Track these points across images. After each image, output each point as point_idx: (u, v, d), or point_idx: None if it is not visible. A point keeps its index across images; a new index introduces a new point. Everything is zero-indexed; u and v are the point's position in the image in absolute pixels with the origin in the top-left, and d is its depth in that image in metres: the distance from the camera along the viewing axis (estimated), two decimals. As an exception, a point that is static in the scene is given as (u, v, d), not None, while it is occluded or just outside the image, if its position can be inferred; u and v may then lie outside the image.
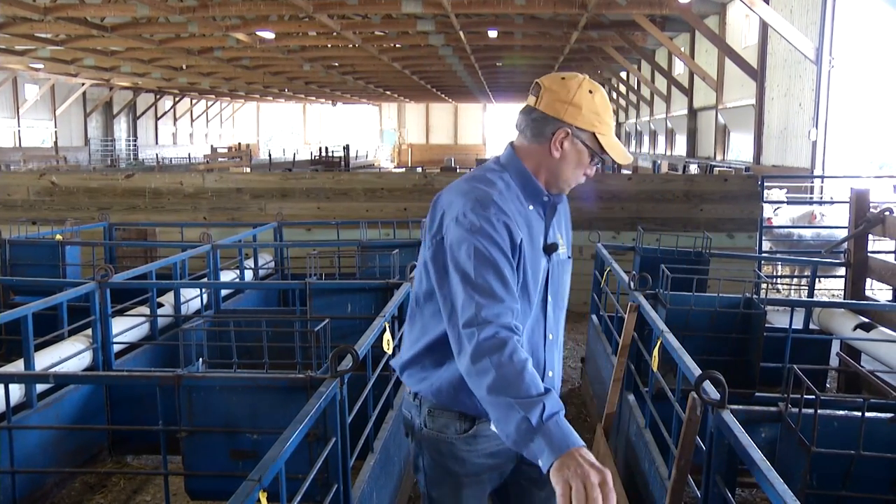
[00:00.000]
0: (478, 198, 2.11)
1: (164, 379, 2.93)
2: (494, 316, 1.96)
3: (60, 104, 35.80)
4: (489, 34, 20.67)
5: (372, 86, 37.82)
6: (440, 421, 2.27)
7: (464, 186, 2.20)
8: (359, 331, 3.59)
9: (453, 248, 2.08)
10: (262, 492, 1.93)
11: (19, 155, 28.94)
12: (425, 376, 2.27)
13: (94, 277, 4.87)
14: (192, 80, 33.41)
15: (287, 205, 9.53)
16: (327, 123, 59.91)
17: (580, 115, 2.16)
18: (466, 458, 2.28)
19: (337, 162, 31.99)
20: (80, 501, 4.45)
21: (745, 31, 19.68)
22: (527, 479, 2.41)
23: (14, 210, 9.62)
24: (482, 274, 2.02)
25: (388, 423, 3.93)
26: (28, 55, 24.47)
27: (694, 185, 9.42)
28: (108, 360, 4.88)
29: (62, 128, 36.86)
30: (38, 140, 35.41)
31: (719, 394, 2.38)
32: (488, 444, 2.26)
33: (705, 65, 21.63)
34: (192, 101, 50.03)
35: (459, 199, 2.14)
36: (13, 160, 27.31)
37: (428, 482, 2.36)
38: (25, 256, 6.86)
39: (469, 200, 2.11)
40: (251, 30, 19.29)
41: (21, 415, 4.11)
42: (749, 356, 4.13)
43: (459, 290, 2.03)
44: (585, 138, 2.18)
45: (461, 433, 2.26)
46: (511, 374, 1.88)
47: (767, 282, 4.84)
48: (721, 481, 2.38)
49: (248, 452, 2.94)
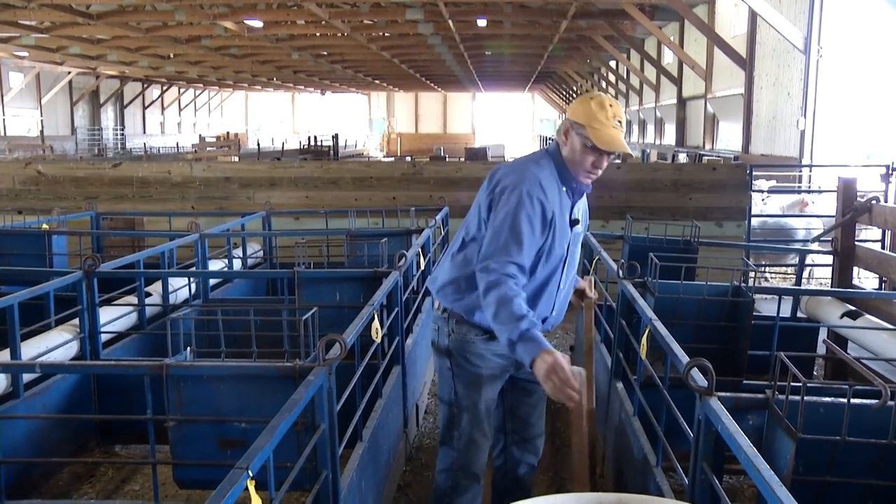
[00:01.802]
0: (529, 177, 2.86)
1: (152, 368, 2.92)
2: (501, 266, 2.75)
3: (46, 93, 35.48)
4: (478, 23, 20.61)
5: (361, 75, 37.66)
6: (465, 328, 3.07)
7: (522, 165, 2.98)
8: (347, 320, 3.58)
9: (497, 210, 2.86)
10: (250, 479, 1.93)
11: (4, 144, 28.70)
12: (460, 297, 3.04)
13: (81, 267, 4.84)
14: (179, 68, 33.18)
15: (275, 194, 9.50)
16: (316, 112, 59.65)
17: (579, 114, 2.89)
18: (485, 353, 3.07)
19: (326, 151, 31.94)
20: (68, 491, 4.43)
21: (734, 20, 19.71)
22: (520, 389, 3.27)
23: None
24: (507, 236, 2.80)
25: (376, 411, 3.93)
26: (12, 42, 24.19)
27: (683, 174, 9.44)
28: (95, 350, 4.85)
29: (48, 116, 36.55)
30: (23, 129, 35.09)
31: (707, 381, 2.39)
32: (499, 346, 2.92)
33: (694, 54, 21.65)
34: (179, 90, 49.72)
35: (516, 174, 2.91)
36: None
37: (455, 378, 3.11)
38: (11, 246, 6.80)
39: (523, 178, 2.87)
40: (239, 18, 19.16)
41: (7, 405, 4.09)
42: (737, 344, 4.15)
43: (488, 241, 2.85)
44: (581, 131, 2.87)
45: (480, 335, 3.05)
46: (503, 306, 2.68)
47: (755, 270, 4.85)
48: (708, 468, 2.40)
49: (236, 441, 2.93)
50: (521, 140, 55.27)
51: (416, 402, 5.03)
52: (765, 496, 1.85)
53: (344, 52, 27.94)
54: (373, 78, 40.84)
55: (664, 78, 25.74)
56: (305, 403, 2.45)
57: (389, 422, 4.23)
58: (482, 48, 27.08)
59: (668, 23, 23.70)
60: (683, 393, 2.69)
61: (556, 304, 3.13)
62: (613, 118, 2.84)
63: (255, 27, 20.34)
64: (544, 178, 2.89)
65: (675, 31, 24.44)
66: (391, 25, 21.39)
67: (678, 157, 22.15)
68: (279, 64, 32.20)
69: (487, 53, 28.93)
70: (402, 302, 4.55)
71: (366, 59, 30.36)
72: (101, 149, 35.60)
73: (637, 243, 6.01)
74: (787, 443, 2.35)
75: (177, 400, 2.98)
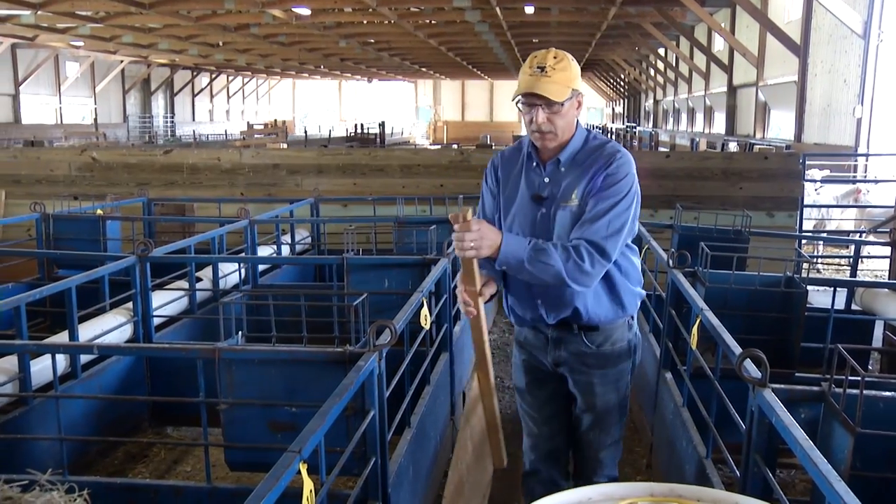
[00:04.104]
0: (497, 153, 3.04)
1: (205, 352, 2.96)
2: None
3: (100, 81, 36.29)
4: (525, 10, 20.46)
5: (407, 62, 37.70)
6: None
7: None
8: (395, 306, 3.60)
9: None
10: (303, 463, 1.95)
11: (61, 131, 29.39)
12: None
13: (134, 252, 4.93)
14: (228, 56, 33.56)
15: (323, 181, 9.54)
16: (362, 100, 59.94)
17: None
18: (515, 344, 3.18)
19: (372, 139, 32.01)
20: (123, 470, 4.54)
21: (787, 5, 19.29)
22: (566, 396, 3.09)
23: (56, 185, 9.75)
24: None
25: (424, 398, 3.94)
26: (69, 33, 24.77)
27: (733, 163, 9.27)
28: (148, 333, 4.95)
29: (101, 104, 37.38)
30: (78, 117, 35.94)
31: (761, 373, 2.35)
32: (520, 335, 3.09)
33: (746, 41, 21.23)
34: (228, 78, 50.31)
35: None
36: (55, 136, 27.73)
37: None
38: (68, 231, 6.97)
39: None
40: (287, 6, 19.31)
41: (66, 385, 4.19)
42: (789, 336, 4.07)
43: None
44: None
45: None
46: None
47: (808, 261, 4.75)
48: (761, 461, 2.36)
49: (285, 425, 2.96)
50: (567, 128, 54.74)
51: (462, 389, 5.04)
52: (822, 491, 1.82)
53: (391, 39, 27.99)
54: (419, 66, 40.86)
55: (714, 65, 25.32)
56: (356, 389, 2.47)
57: (437, 409, 4.24)
58: (529, 35, 26.89)
59: (719, 9, 23.29)
60: (734, 384, 2.66)
61: (528, 295, 2.92)
62: (533, 66, 2.70)
63: (303, 15, 20.47)
64: (507, 151, 3.02)
65: (726, 17, 24.00)
66: (438, 13, 21.36)
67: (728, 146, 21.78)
68: (326, 52, 32.38)
69: (535, 41, 28.71)
70: (450, 289, 4.56)
71: (412, 46, 30.38)
72: (151, 136, 36.21)
73: (686, 232, 5.93)
74: (844, 437, 2.30)
75: (228, 383, 3.03)
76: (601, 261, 2.66)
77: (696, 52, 26.81)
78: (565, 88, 2.69)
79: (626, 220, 2.72)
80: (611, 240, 2.66)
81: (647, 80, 39.06)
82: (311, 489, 2.03)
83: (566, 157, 2.82)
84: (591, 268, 2.64)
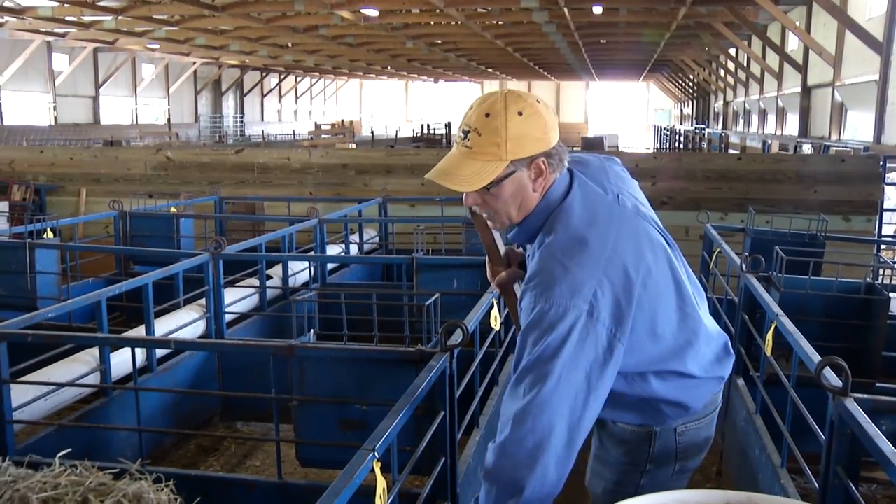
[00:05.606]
0: None
1: (279, 349, 3.01)
2: None
3: (173, 82, 37.36)
4: (594, 10, 20.26)
5: (474, 63, 37.68)
6: None
7: None
8: (464, 307, 3.60)
9: None
10: (376, 461, 1.97)
11: (136, 131, 30.31)
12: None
13: (207, 249, 5.04)
14: (297, 57, 34.05)
15: (391, 181, 9.61)
16: (429, 101, 60.15)
17: None
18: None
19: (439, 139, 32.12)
20: (195, 462, 4.65)
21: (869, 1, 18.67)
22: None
23: (133, 184, 10.04)
24: None
25: (493, 399, 3.94)
26: (146, 36, 25.52)
27: (807, 165, 9.04)
28: (220, 329, 5.06)
29: (174, 105, 38.45)
30: (152, 117, 37.03)
31: (842, 381, 2.29)
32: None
33: (822, 39, 20.62)
34: (296, 79, 51.06)
35: None
36: (131, 136, 28.60)
37: None
38: (143, 228, 7.17)
39: None
40: (356, 7, 19.48)
41: (143, 378, 4.31)
42: (869, 344, 3.96)
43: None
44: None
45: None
46: None
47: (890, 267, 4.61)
48: (843, 473, 2.29)
49: (356, 423, 2.99)
50: (634, 130, 54.19)
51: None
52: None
53: (457, 40, 28.00)
54: (486, 66, 40.79)
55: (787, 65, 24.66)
56: (428, 388, 2.48)
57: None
58: (597, 36, 26.62)
59: (794, 7, 22.69)
60: (810, 392, 2.59)
61: None
62: (462, 126, 1.97)
63: (371, 16, 20.64)
64: None
65: (801, 15, 23.36)
66: (505, 14, 21.29)
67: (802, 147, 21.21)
68: (393, 52, 32.59)
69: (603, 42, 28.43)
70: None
71: (479, 47, 30.34)
72: (221, 136, 37.02)
73: (759, 236, 5.80)
74: (931, 451, 2.22)
75: (300, 380, 3.07)
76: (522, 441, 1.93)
77: (768, 52, 26.15)
78: (492, 164, 1.90)
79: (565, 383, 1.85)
80: (534, 406, 1.90)
81: (717, 80, 38.30)
82: (384, 487, 2.05)
83: (528, 240, 2.08)
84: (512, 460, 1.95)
